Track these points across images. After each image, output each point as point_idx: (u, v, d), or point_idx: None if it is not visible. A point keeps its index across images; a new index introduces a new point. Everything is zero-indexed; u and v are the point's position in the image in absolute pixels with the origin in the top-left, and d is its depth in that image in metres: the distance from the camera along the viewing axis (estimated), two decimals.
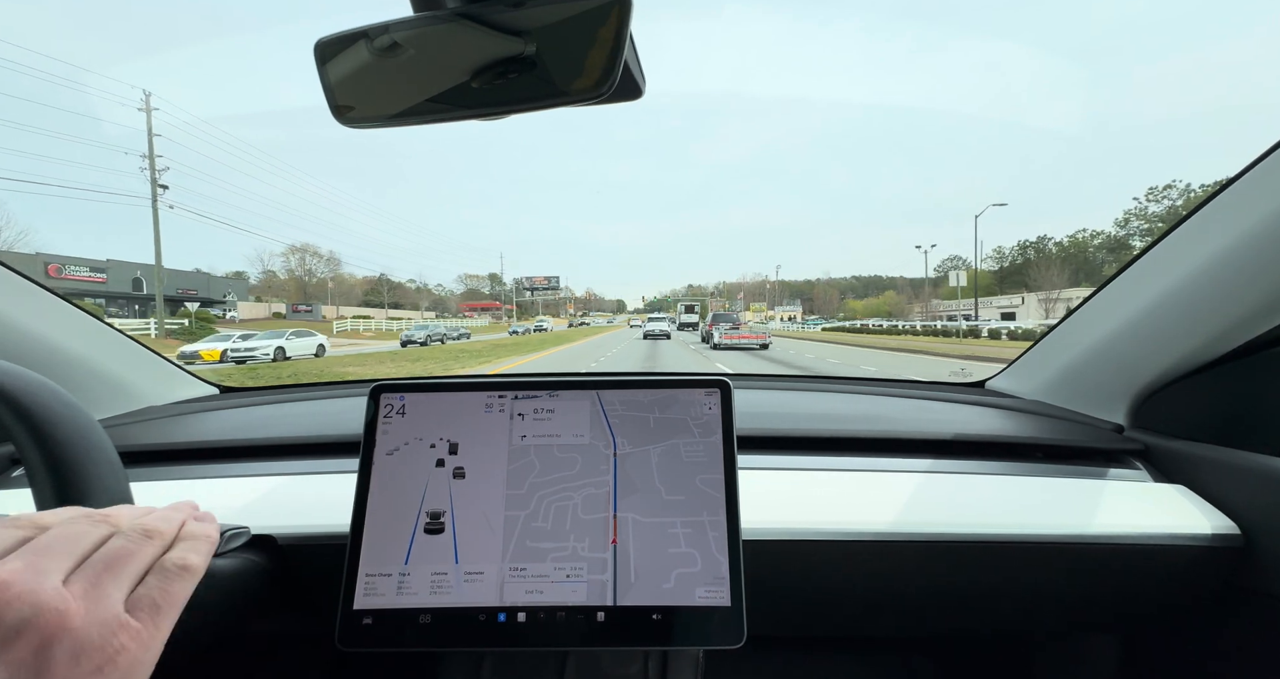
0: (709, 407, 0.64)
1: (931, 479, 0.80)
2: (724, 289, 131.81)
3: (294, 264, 70.82)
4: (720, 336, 20.50)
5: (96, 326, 1.00)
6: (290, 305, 51.42)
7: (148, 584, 0.32)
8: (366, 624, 0.56)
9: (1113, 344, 0.88)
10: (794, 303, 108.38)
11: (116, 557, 0.31)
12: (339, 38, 0.53)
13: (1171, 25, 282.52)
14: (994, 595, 0.77)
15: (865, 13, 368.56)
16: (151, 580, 0.32)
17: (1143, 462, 0.85)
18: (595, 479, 0.61)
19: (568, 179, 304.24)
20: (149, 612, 0.30)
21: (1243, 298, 0.70)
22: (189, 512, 0.39)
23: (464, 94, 0.53)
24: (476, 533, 0.59)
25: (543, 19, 0.49)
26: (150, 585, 0.32)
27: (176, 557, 0.34)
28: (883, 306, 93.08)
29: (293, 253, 71.31)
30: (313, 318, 48.63)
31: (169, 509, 0.38)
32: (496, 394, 0.65)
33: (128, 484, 0.49)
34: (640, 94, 0.57)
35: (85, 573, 0.30)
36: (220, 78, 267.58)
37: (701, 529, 0.59)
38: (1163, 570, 0.72)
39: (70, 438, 0.45)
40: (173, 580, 0.32)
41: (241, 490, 0.77)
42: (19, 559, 0.28)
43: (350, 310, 60.23)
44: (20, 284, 0.88)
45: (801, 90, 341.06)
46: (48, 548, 0.30)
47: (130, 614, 0.30)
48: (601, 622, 0.56)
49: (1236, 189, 0.69)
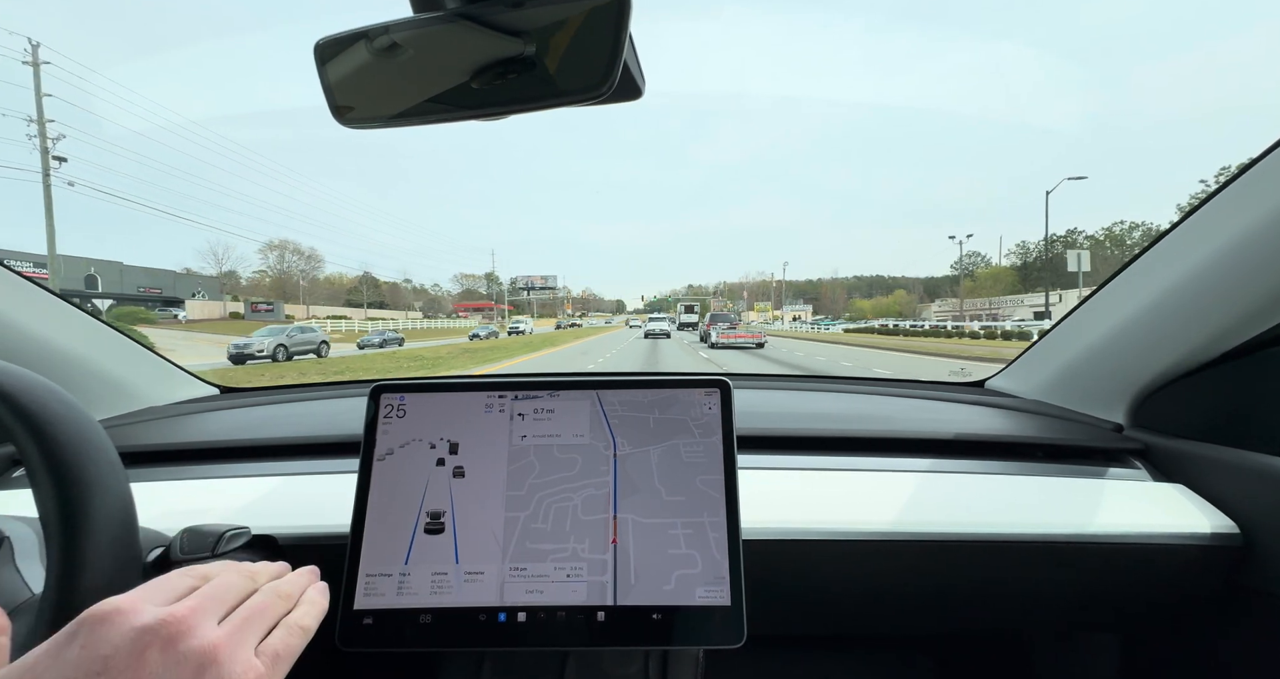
0: (709, 407, 0.64)
1: (931, 479, 0.80)
2: (725, 289, 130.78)
3: (273, 261, 66.54)
4: (718, 336, 20.80)
5: (96, 327, 1.00)
6: (250, 304, 45.86)
7: (274, 636, 0.39)
8: (367, 624, 0.56)
9: (1112, 343, 0.88)
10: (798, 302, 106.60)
11: (257, 611, 0.39)
12: (339, 38, 0.53)
13: (1173, 25, 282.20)
14: (993, 595, 0.77)
15: (866, 13, 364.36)
16: (278, 634, 0.39)
17: (1142, 461, 0.85)
18: (595, 480, 0.61)
19: (568, 179, 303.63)
20: (271, 659, 0.37)
21: (1242, 297, 0.70)
22: (311, 579, 0.47)
23: (464, 94, 0.53)
24: (476, 533, 0.59)
25: (542, 19, 0.49)
26: (276, 638, 0.39)
27: (299, 616, 0.42)
28: (893, 306, 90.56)
29: (270, 249, 66.97)
30: (274, 318, 42.86)
31: (297, 574, 0.46)
32: (496, 394, 0.65)
33: (128, 485, 0.49)
34: (640, 94, 0.57)
35: (234, 620, 0.37)
36: (218, 78, 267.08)
37: (702, 530, 0.59)
38: (1162, 570, 0.72)
39: (70, 438, 0.45)
40: (294, 636, 0.40)
41: (241, 490, 0.77)
42: (191, 601, 0.36)
43: (325, 310, 55.52)
44: (20, 284, 0.88)
45: (801, 90, 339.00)
46: (211, 595, 0.38)
47: (258, 658, 0.36)
48: (601, 621, 0.56)
49: (1236, 189, 0.69)
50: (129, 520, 0.47)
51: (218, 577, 0.40)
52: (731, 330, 21.82)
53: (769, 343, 20.92)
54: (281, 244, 67.49)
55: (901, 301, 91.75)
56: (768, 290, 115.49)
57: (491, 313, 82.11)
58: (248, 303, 46.21)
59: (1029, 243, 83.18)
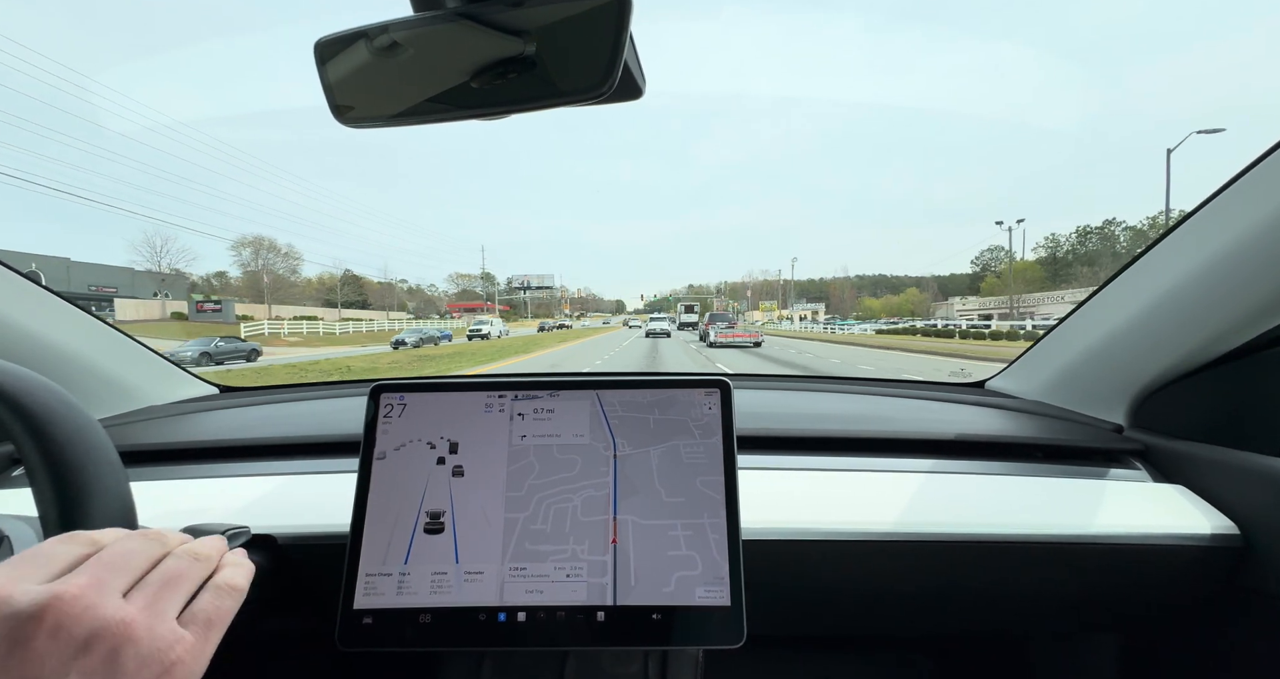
0: (709, 407, 0.64)
1: (931, 479, 0.80)
2: (727, 288, 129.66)
3: (247, 259, 59.05)
4: (716, 335, 21.33)
5: (97, 326, 1.00)
6: (195, 304, 40.34)
7: (201, 601, 0.35)
8: (367, 624, 0.56)
9: (1112, 344, 0.88)
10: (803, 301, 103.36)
11: (173, 575, 0.34)
12: (339, 38, 0.53)
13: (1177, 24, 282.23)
14: (993, 595, 0.77)
15: (866, 13, 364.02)
16: (205, 597, 0.35)
17: (1142, 462, 0.85)
18: (595, 481, 0.61)
19: (568, 180, 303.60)
20: (202, 626, 0.33)
21: (1242, 298, 0.70)
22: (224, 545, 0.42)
23: (464, 94, 0.53)
24: (476, 533, 0.59)
25: (543, 19, 0.49)
26: (203, 602, 0.34)
27: (227, 576, 0.37)
28: (905, 305, 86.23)
29: (244, 245, 59.38)
30: (223, 319, 38.51)
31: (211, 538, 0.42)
32: (496, 394, 0.65)
33: (128, 484, 0.49)
34: (640, 94, 0.57)
35: (144, 590, 0.32)
36: (216, 79, 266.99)
37: (702, 532, 0.59)
38: (1162, 570, 0.72)
39: (70, 438, 0.45)
40: (226, 598, 0.36)
41: (241, 490, 0.77)
42: (83, 574, 0.30)
43: (293, 310, 49.23)
44: (20, 284, 0.88)
45: (801, 90, 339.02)
46: (109, 565, 0.32)
47: (185, 628, 0.32)
48: (601, 621, 0.56)
49: (1236, 189, 0.69)
50: (128, 520, 0.47)
51: (114, 543, 0.34)
52: (730, 329, 22.37)
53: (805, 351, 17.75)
54: (255, 240, 60.66)
55: (914, 300, 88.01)
56: (773, 289, 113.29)
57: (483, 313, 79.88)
58: (192, 302, 40.88)
59: (1059, 234, 79.02)
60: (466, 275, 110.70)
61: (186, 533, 0.54)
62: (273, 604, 0.66)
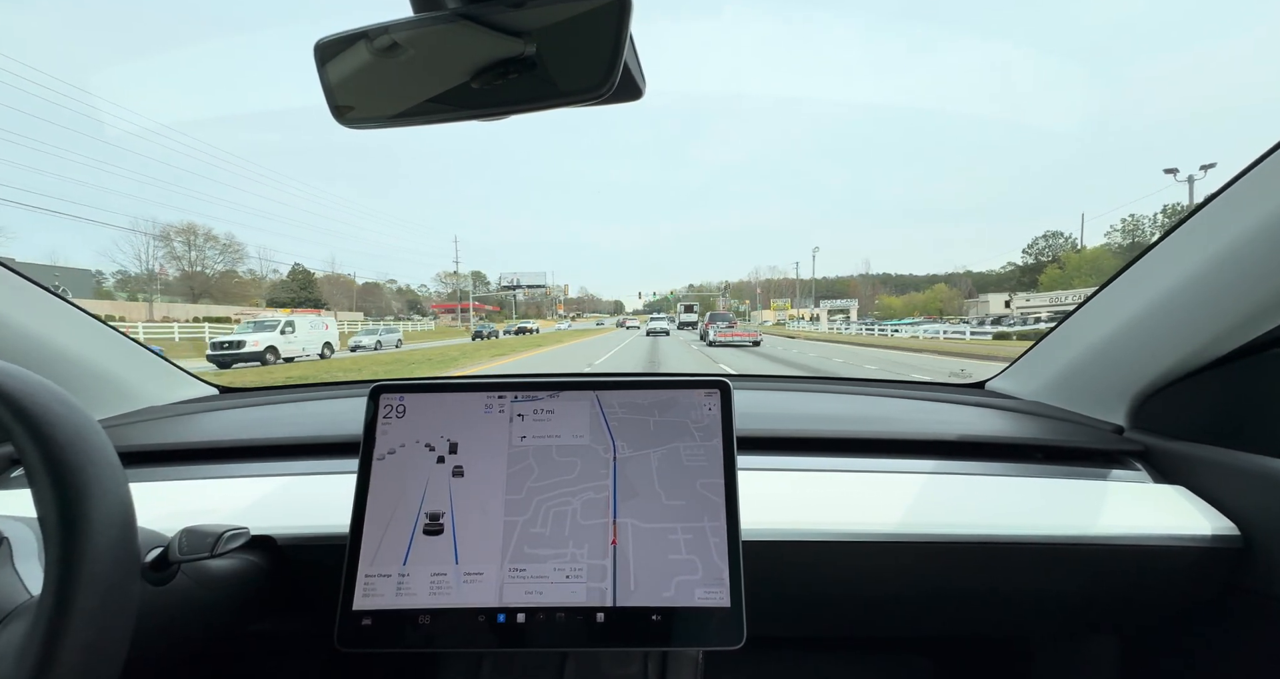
0: (709, 408, 0.64)
1: (931, 480, 0.80)
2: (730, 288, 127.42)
3: (180, 252, 47.80)
4: (716, 334, 21.49)
5: (97, 327, 1.00)
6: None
7: None
8: (366, 625, 0.56)
9: (1112, 345, 0.88)
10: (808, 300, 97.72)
11: None
12: (339, 38, 0.53)
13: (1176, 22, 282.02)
14: (993, 596, 0.77)
15: (866, 13, 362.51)
16: None
17: (1142, 463, 0.85)
18: (595, 483, 0.61)
19: (568, 180, 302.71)
20: None
21: (1242, 299, 0.70)
22: None
23: (464, 94, 0.53)
24: (476, 534, 0.59)
25: (543, 19, 0.49)
26: None
27: None
28: (932, 303, 77.45)
29: (175, 235, 48.08)
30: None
31: None
32: (496, 395, 0.65)
33: (127, 485, 0.48)
34: (640, 94, 0.57)
35: None
36: (214, 80, 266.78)
37: (702, 535, 0.59)
38: (1162, 571, 0.72)
39: (70, 439, 0.45)
40: None
41: (241, 490, 0.77)
42: None
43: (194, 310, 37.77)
44: (20, 284, 0.88)
45: (801, 90, 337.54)
46: None
47: None
48: (601, 622, 0.56)
49: (1236, 190, 0.69)
50: (128, 521, 0.47)
51: None
52: (729, 329, 22.60)
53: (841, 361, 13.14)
54: (188, 228, 49.27)
55: (943, 297, 79.06)
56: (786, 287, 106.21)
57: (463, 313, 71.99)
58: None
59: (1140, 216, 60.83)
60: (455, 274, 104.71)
61: (185, 534, 0.54)
62: (272, 605, 0.66)
